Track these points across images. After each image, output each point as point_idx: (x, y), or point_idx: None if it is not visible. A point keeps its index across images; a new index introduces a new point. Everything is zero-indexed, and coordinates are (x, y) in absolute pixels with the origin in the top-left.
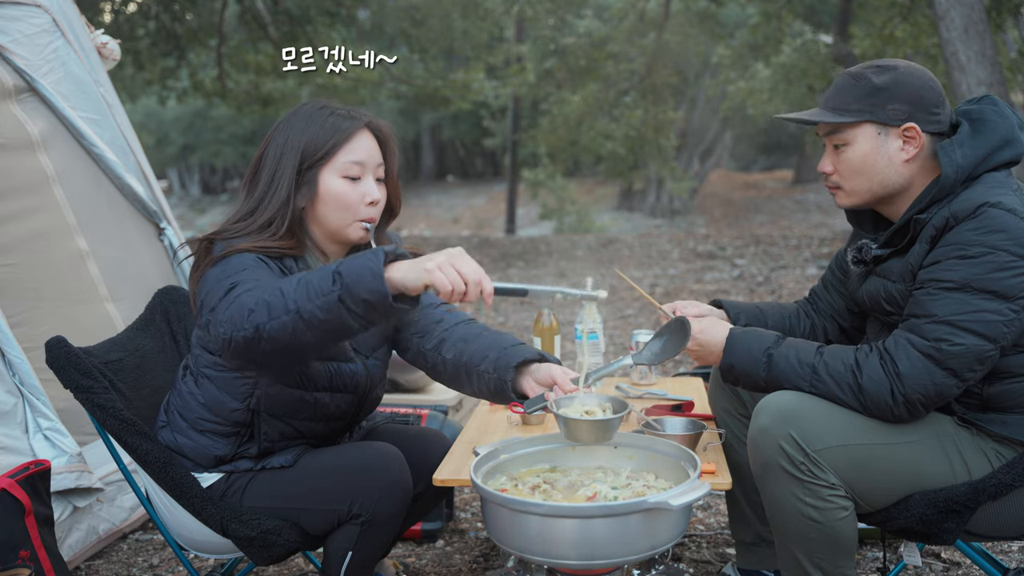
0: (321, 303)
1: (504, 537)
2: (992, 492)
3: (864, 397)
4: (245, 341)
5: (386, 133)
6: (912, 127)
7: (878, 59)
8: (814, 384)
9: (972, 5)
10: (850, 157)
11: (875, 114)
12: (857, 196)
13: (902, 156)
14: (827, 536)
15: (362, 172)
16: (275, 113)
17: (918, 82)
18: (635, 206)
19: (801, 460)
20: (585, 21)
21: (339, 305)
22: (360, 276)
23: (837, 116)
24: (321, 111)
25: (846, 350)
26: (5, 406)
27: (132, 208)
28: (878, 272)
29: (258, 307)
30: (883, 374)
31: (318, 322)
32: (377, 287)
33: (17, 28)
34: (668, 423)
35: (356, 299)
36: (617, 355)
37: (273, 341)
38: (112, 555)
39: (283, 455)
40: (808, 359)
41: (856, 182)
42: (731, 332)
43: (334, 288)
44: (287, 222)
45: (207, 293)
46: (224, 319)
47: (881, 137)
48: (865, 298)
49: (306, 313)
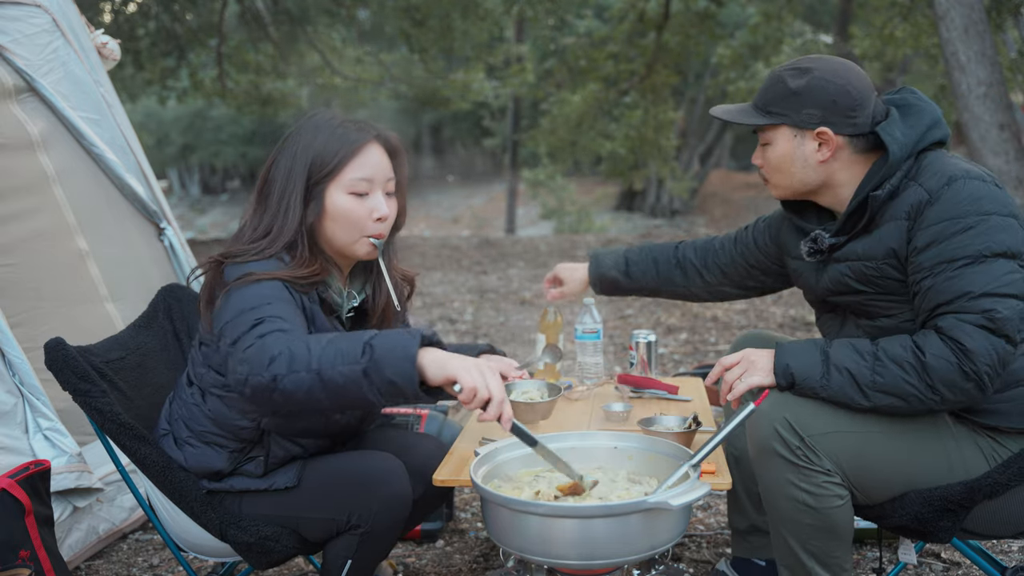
0: (345, 370)
1: (504, 537)
2: (988, 491)
3: (931, 376)
4: (260, 387)
5: (396, 146)
6: (825, 131)
7: (799, 59)
8: (876, 370)
9: (972, 5)
10: (771, 156)
11: (790, 118)
12: (783, 190)
13: (817, 157)
14: (821, 523)
15: (370, 188)
16: (275, 113)
17: (832, 87)
18: (635, 206)
19: (797, 445)
20: (585, 21)
21: (363, 378)
22: (392, 355)
23: (758, 116)
24: (329, 123)
25: (897, 336)
26: (5, 406)
27: (132, 208)
28: (837, 259)
29: (280, 356)
30: (948, 351)
31: (336, 388)
32: (407, 370)
33: (17, 28)
34: (663, 421)
35: (382, 377)
36: (617, 355)
37: (286, 395)
38: (112, 555)
39: (285, 474)
40: (866, 348)
41: (778, 178)
42: (777, 343)
43: (362, 360)
44: (307, 243)
45: (229, 323)
46: (245, 358)
47: (797, 139)
48: (828, 285)
49: (327, 376)
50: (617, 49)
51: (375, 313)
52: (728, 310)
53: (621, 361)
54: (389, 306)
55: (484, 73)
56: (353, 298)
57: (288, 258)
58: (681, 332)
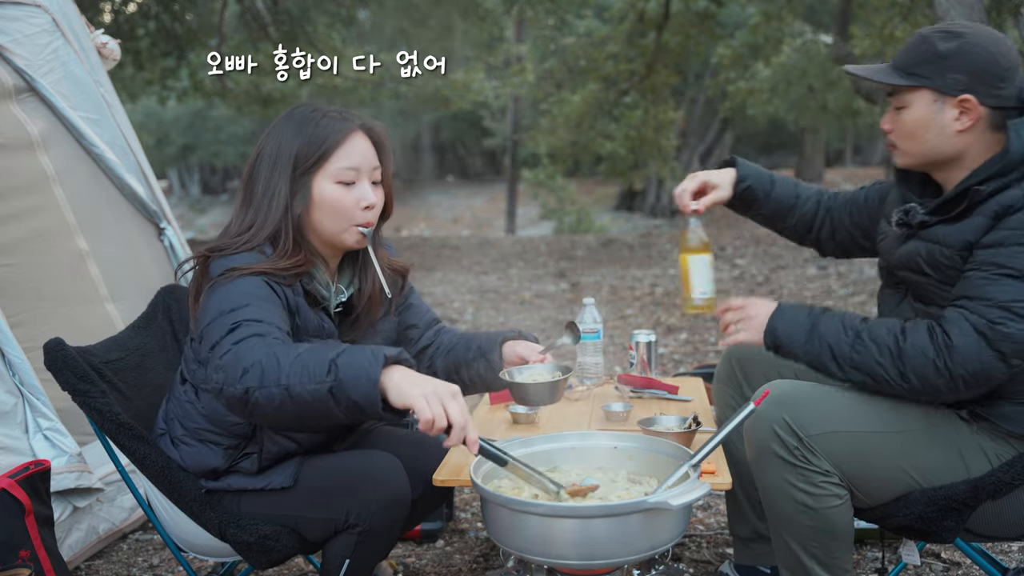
0: (312, 389)
1: (504, 537)
2: (992, 490)
3: (904, 363)
4: (234, 398)
5: (380, 135)
6: (968, 99)
7: (951, 23)
8: (855, 347)
9: (972, 5)
10: (905, 120)
11: (933, 81)
12: (911, 158)
13: (956, 126)
14: (821, 524)
15: (357, 177)
16: (275, 113)
17: (983, 54)
18: (635, 206)
19: (795, 445)
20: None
21: (328, 396)
22: (356, 378)
23: (898, 77)
24: (313, 114)
25: (892, 320)
26: (5, 406)
27: (132, 208)
28: (920, 236)
29: (253, 369)
30: (928, 342)
31: (304, 404)
32: (369, 393)
33: (17, 28)
34: (663, 421)
35: (347, 398)
36: (617, 355)
37: (259, 408)
38: (112, 555)
39: (282, 473)
40: (853, 324)
41: (908, 144)
42: (780, 303)
43: (327, 379)
44: (291, 234)
45: (209, 324)
46: (221, 365)
47: (936, 105)
48: (901, 259)
49: (295, 393)
50: (617, 49)
51: (363, 307)
52: None
53: (621, 361)
54: (377, 300)
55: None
56: (341, 292)
57: (270, 250)
58: (681, 332)
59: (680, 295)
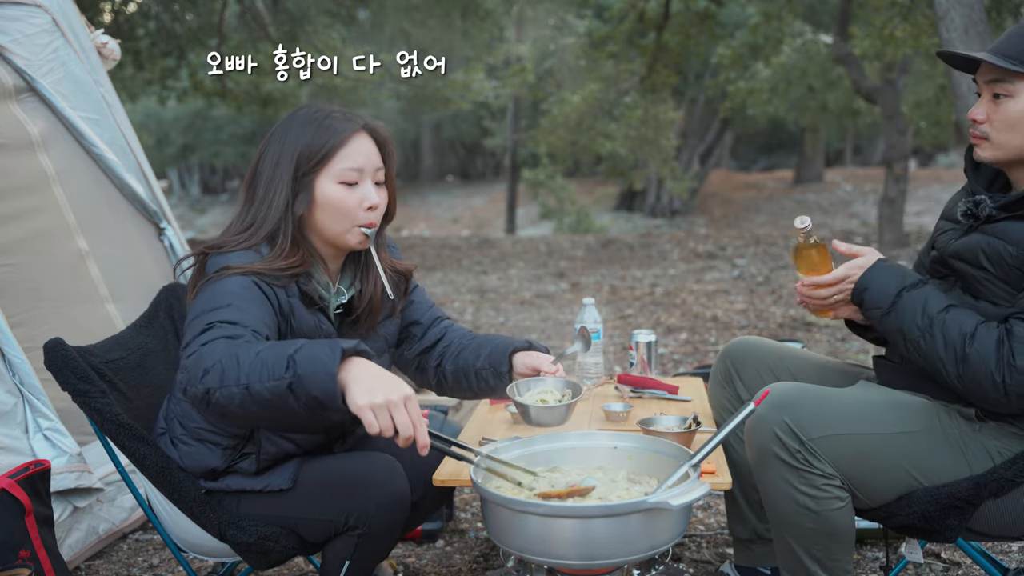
0: (271, 386)
1: (504, 537)
2: (994, 488)
3: (964, 367)
4: (196, 398)
5: (384, 135)
6: None
7: None
8: (924, 335)
9: (972, 5)
10: (1010, 110)
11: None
12: (1003, 151)
13: None
14: (823, 526)
15: (360, 177)
16: (275, 113)
17: None
18: (635, 206)
19: (796, 448)
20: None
21: (287, 393)
22: (313, 372)
23: (1008, 63)
24: (317, 114)
25: (969, 317)
26: (5, 406)
27: (132, 208)
28: (984, 230)
29: (213, 369)
30: (994, 354)
31: (265, 402)
32: (328, 387)
33: (17, 28)
34: (663, 421)
35: (307, 393)
36: (617, 355)
37: (221, 408)
38: (112, 555)
39: (280, 474)
40: (932, 311)
41: (1007, 136)
42: (879, 260)
43: (286, 375)
44: (290, 234)
45: (190, 323)
46: (186, 365)
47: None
48: (960, 249)
49: (255, 391)
50: (617, 49)
51: (364, 309)
52: (728, 310)
53: (621, 361)
54: (379, 302)
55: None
56: (342, 293)
57: (266, 249)
58: (681, 332)
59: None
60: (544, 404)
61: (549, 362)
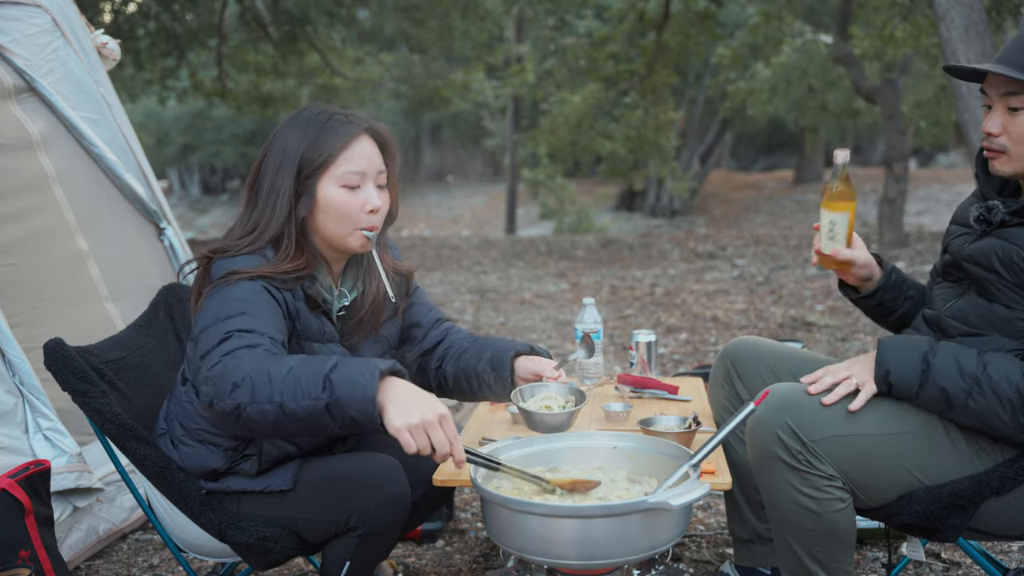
0: (306, 405)
1: (504, 537)
2: (996, 486)
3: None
4: (225, 413)
5: (386, 138)
6: None
7: None
8: (972, 395)
9: (972, 5)
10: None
11: None
12: (1021, 163)
13: None
14: (824, 528)
15: (362, 180)
16: (275, 113)
17: None
18: (635, 206)
19: (798, 450)
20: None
21: (324, 413)
22: (352, 395)
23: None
24: (319, 116)
25: (1012, 363)
26: (5, 406)
27: (132, 208)
28: (998, 234)
29: (243, 384)
30: None
31: (299, 420)
32: (366, 409)
33: (17, 28)
34: (663, 421)
35: (344, 414)
36: (617, 355)
37: (251, 423)
38: (112, 555)
39: (281, 475)
40: (970, 368)
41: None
42: (880, 340)
43: (322, 396)
44: (294, 237)
45: (203, 331)
46: (210, 377)
47: None
48: (973, 253)
49: (289, 410)
50: (617, 49)
51: (367, 311)
52: (728, 310)
53: (621, 361)
54: (381, 304)
55: (484, 73)
56: (344, 296)
57: (272, 253)
58: (681, 332)
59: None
60: (548, 411)
61: (551, 367)
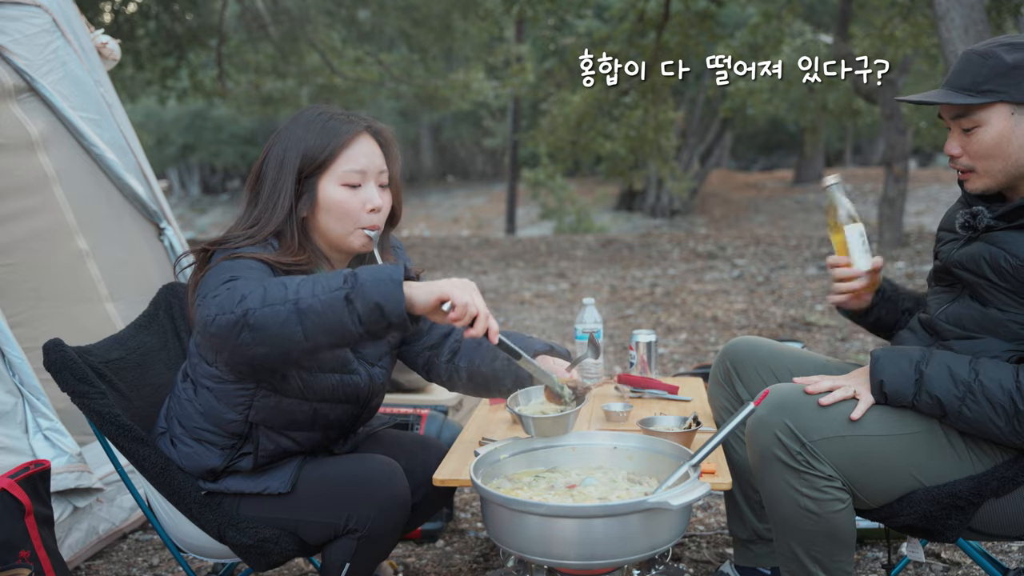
0: (325, 298)
1: (504, 537)
2: (995, 488)
3: (1019, 423)
4: (228, 324)
5: (387, 137)
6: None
7: (1006, 36)
8: (965, 403)
9: (972, 5)
10: (982, 139)
11: (1009, 93)
12: (991, 178)
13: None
14: (824, 528)
15: (363, 179)
16: (275, 113)
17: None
18: (635, 206)
19: (798, 450)
20: (585, 21)
21: (343, 304)
22: (377, 280)
23: (967, 97)
24: (320, 116)
25: (1004, 369)
26: (5, 406)
27: (132, 208)
28: (985, 239)
29: (253, 294)
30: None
31: (315, 316)
32: (394, 293)
33: (17, 28)
34: (663, 421)
35: (366, 301)
36: (617, 355)
37: (256, 331)
38: (112, 555)
39: (280, 477)
40: (962, 376)
41: (988, 163)
42: (873, 352)
43: (344, 286)
44: (296, 236)
45: (203, 285)
46: (216, 297)
47: (1016, 117)
48: (962, 259)
49: (304, 305)
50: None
51: None
52: (728, 310)
53: (621, 361)
54: None
55: (484, 73)
56: None
57: (276, 244)
58: (681, 332)
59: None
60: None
61: (563, 368)
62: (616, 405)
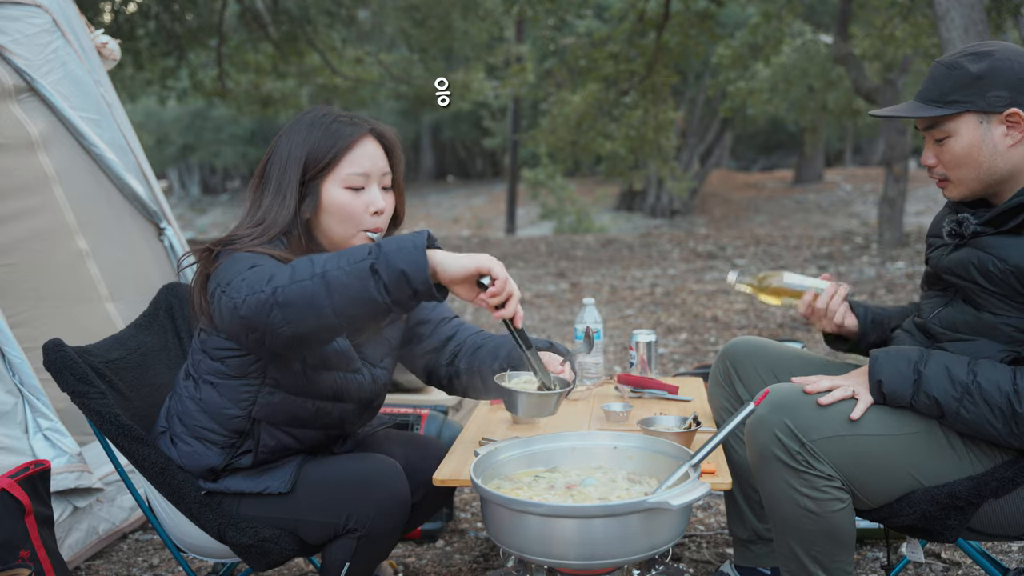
0: (351, 268)
1: (504, 537)
2: (995, 488)
3: (1015, 425)
4: (259, 304)
5: (391, 139)
6: (1015, 112)
7: (973, 45)
8: (963, 404)
9: (972, 5)
10: (953, 149)
11: (975, 103)
12: (966, 186)
13: (1007, 142)
14: (824, 528)
15: (366, 182)
16: (275, 113)
17: (1017, 65)
18: (635, 206)
19: (797, 450)
20: (585, 21)
21: (369, 274)
22: (401, 248)
23: (935, 109)
24: (324, 118)
25: (1002, 371)
26: (5, 406)
27: (132, 208)
28: (973, 244)
29: (281, 272)
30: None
31: (341, 287)
32: (418, 260)
33: (17, 28)
34: (663, 421)
35: (392, 269)
36: (617, 355)
37: (286, 307)
38: (112, 555)
39: (280, 477)
40: (960, 377)
41: (962, 172)
42: (872, 352)
43: (369, 256)
44: (301, 237)
45: (221, 274)
46: (244, 280)
47: (984, 126)
48: (951, 265)
49: (331, 277)
50: (617, 49)
51: None
52: (728, 310)
53: (621, 361)
54: None
55: (484, 73)
56: None
57: (285, 242)
58: (681, 332)
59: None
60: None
61: (558, 362)
62: (616, 405)
